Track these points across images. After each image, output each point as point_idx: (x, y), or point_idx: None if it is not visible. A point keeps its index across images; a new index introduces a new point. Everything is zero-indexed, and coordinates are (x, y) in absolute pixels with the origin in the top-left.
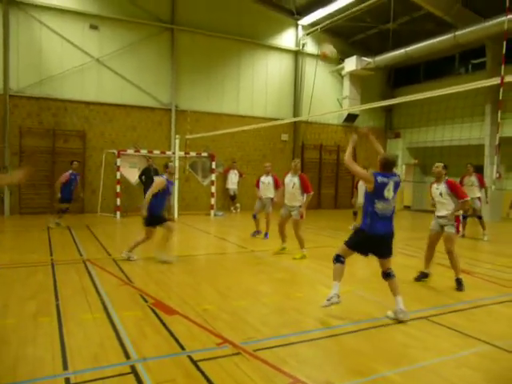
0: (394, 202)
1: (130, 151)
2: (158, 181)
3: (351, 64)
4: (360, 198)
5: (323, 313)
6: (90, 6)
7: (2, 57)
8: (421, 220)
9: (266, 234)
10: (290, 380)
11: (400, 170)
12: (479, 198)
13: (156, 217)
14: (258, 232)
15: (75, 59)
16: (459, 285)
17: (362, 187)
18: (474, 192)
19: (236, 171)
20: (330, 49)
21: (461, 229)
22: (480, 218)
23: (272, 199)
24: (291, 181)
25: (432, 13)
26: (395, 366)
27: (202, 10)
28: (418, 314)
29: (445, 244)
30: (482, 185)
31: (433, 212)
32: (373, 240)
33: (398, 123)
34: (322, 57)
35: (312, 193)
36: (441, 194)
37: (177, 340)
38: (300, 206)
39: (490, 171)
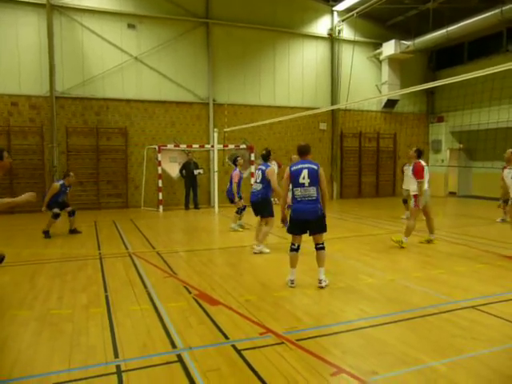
0: (315, 188)
1: (170, 146)
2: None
3: (390, 48)
4: (406, 184)
5: (366, 303)
6: (127, 6)
7: (48, 61)
8: (466, 206)
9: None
10: (334, 370)
11: (444, 154)
12: None
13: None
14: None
15: (115, 59)
16: None
17: (407, 172)
18: None
19: (275, 162)
20: None
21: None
22: (506, 201)
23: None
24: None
25: None
26: (442, 356)
27: (235, 2)
28: (465, 303)
29: None
30: None
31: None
32: (300, 221)
33: (441, 107)
34: None
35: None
36: None
37: (221, 330)
38: (415, 194)
39: None
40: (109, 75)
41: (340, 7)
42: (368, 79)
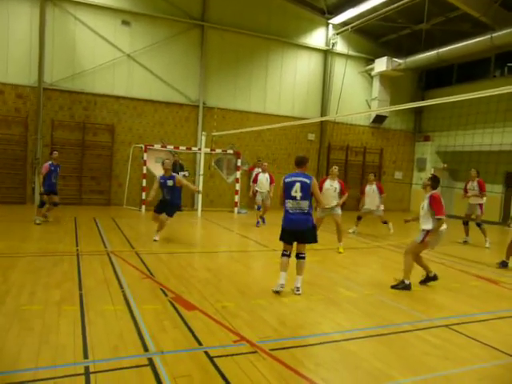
0: (306, 201)
1: (157, 146)
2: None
3: (381, 65)
4: (368, 204)
5: (343, 316)
6: (123, 2)
7: (38, 51)
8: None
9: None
10: (305, 382)
11: (428, 173)
12: (480, 205)
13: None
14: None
15: (107, 54)
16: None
17: (369, 191)
18: (475, 198)
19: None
20: None
21: (464, 235)
22: (479, 225)
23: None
24: (332, 185)
25: (468, 13)
26: (413, 373)
27: (232, 7)
28: (439, 321)
29: None
30: (481, 191)
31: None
32: (289, 232)
33: (428, 126)
34: None
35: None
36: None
37: (195, 335)
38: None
39: None
40: (99, 70)
41: (335, 20)
42: (358, 94)
